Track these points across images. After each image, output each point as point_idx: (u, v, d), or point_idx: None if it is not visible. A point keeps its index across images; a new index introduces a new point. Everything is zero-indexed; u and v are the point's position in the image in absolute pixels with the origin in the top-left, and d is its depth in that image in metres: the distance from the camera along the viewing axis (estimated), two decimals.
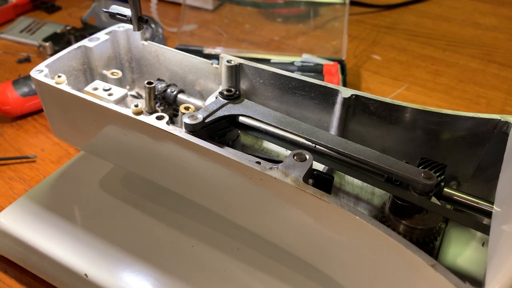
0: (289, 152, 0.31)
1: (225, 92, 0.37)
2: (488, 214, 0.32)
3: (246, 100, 0.37)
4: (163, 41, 0.77)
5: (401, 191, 0.31)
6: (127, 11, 0.38)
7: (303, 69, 0.67)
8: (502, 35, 0.85)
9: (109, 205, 0.42)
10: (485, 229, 0.29)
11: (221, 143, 0.35)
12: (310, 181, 0.31)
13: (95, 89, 0.40)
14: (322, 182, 0.32)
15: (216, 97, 0.38)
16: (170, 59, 0.44)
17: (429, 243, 0.31)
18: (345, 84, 0.67)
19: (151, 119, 0.33)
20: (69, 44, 0.73)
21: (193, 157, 0.33)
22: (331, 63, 0.69)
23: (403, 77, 0.73)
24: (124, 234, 0.40)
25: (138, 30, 0.39)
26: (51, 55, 0.52)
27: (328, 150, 0.35)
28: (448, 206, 0.35)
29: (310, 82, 0.38)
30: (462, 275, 0.33)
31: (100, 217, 0.41)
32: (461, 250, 0.36)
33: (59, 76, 0.37)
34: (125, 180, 0.45)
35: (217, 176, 0.33)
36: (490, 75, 0.74)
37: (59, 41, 0.75)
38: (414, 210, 0.31)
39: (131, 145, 0.37)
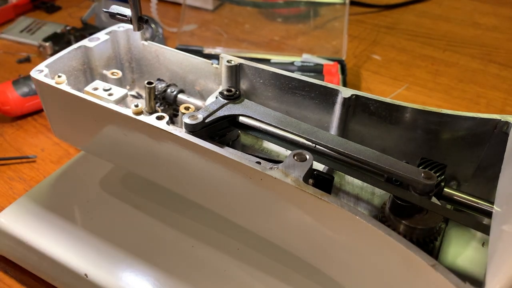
0: (289, 152, 0.31)
1: (225, 92, 0.37)
2: (488, 214, 0.32)
3: (246, 100, 0.37)
4: (163, 41, 0.77)
5: (401, 191, 0.31)
6: (127, 11, 0.38)
7: (303, 69, 0.67)
8: (502, 35, 0.85)
9: (109, 205, 0.42)
10: (485, 229, 0.29)
11: (221, 143, 0.35)
12: (310, 181, 0.31)
13: (95, 89, 0.40)
14: (322, 182, 0.32)
15: (216, 97, 0.38)
16: (170, 59, 0.44)
17: (429, 243, 0.31)
18: (345, 84, 0.67)
19: (151, 119, 0.33)
20: (69, 44, 0.73)
21: (193, 157, 0.33)
22: (331, 63, 0.69)
23: (403, 77, 0.73)
24: (124, 234, 0.40)
25: (138, 30, 0.39)
26: (51, 55, 0.52)
27: (328, 150, 0.35)
28: (448, 206, 0.35)
29: (310, 82, 0.38)
30: (462, 275, 0.33)
31: (100, 217, 0.41)
32: (461, 250, 0.36)
33: (59, 76, 0.37)
34: (125, 180, 0.45)
35: (217, 176, 0.33)
36: (490, 75, 0.74)
37: (59, 41, 0.75)
38: (414, 210, 0.31)
39: (131, 145, 0.37)
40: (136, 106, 0.34)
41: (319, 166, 0.34)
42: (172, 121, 0.41)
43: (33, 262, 0.40)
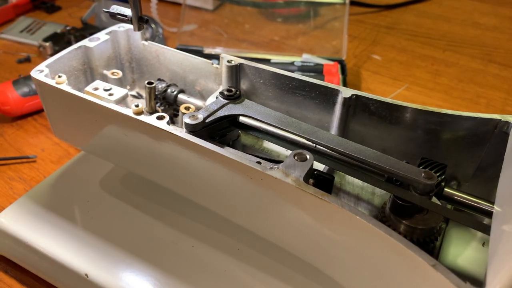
0: (289, 152, 0.31)
1: (225, 92, 0.37)
2: (489, 214, 0.32)
3: (246, 100, 0.37)
4: (163, 41, 0.77)
5: (401, 191, 0.31)
6: (127, 11, 0.38)
7: (303, 69, 0.67)
8: (502, 35, 0.85)
9: (109, 205, 0.42)
10: (486, 229, 0.29)
11: (221, 143, 0.35)
12: (311, 181, 0.31)
13: (96, 89, 0.40)
14: (323, 182, 0.32)
15: (217, 97, 0.38)
16: (171, 59, 0.44)
17: (429, 243, 0.31)
18: (345, 84, 0.67)
19: (151, 119, 0.33)
20: (69, 44, 0.73)
21: (194, 157, 0.33)
22: (331, 63, 0.69)
23: (403, 77, 0.73)
24: (124, 234, 0.40)
25: (139, 30, 0.39)
26: (51, 55, 0.52)
27: (328, 150, 0.35)
28: (449, 206, 0.35)
29: (311, 82, 0.38)
30: (462, 275, 0.33)
31: (100, 217, 0.41)
32: (462, 250, 0.36)
33: (59, 76, 0.37)
34: (125, 180, 0.45)
35: (217, 176, 0.33)
36: (490, 75, 0.74)
37: (59, 41, 0.75)
38: (414, 210, 0.31)
39: (131, 145, 0.37)
40: (137, 106, 0.34)
41: (319, 166, 0.34)
42: (172, 121, 0.41)
43: (33, 262, 0.40)
